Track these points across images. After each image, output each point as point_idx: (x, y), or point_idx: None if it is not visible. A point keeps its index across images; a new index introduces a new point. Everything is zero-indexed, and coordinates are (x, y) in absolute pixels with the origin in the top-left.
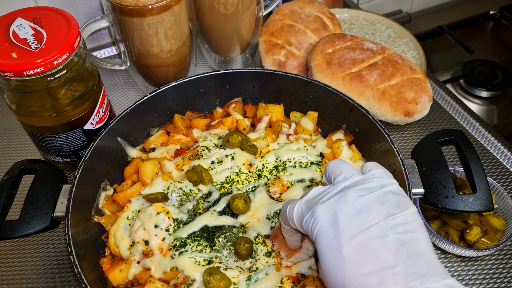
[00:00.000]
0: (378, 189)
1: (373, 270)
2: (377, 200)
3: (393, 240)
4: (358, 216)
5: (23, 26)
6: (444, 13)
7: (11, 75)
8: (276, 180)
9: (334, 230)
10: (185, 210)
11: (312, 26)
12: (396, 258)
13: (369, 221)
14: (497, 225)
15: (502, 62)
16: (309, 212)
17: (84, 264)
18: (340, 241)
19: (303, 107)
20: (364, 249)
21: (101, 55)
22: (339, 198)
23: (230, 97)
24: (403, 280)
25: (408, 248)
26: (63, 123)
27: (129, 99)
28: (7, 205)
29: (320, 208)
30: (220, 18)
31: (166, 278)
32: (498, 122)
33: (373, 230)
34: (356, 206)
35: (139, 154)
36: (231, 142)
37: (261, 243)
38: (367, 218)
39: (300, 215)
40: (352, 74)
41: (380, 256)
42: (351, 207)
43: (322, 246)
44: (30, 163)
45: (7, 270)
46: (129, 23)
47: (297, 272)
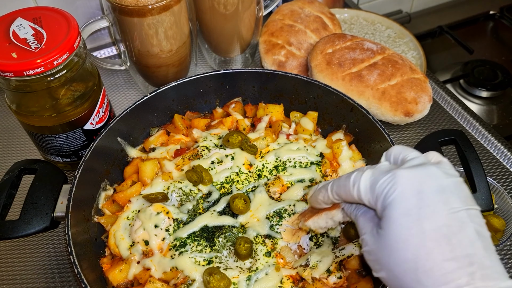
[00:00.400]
0: (457, 176)
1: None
2: (458, 186)
3: (472, 229)
4: (443, 194)
5: (23, 26)
6: (444, 13)
7: (11, 75)
8: (276, 180)
9: (417, 200)
10: (185, 210)
11: (312, 26)
12: (475, 247)
13: (453, 203)
14: (497, 225)
15: (502, 62)
16: (388, 175)
17: (84, 264)
18: (424, 213)
19: (303, 107)
20: (447, 229)
21: (101, 55)
22: (423, 170)
23: (230, 97)
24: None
25: (484, 242)
26: (63, 123)
27: (129, 99)
28: (7, 205)
29: (403, 172)
30: (220, 18)
31: (166, 278)
32: (498, 122)
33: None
34: (441, 183)
35: (139, 154)
36: (231, 142)
37: (260, 243)
38: (452, 199)
39: (372, 179)
40: (352, 74)
41: (461, 241)
42: (436, 183)
43: (399, 213)
44: (30, 163)
45: (7, 270)
46: (129, 23)
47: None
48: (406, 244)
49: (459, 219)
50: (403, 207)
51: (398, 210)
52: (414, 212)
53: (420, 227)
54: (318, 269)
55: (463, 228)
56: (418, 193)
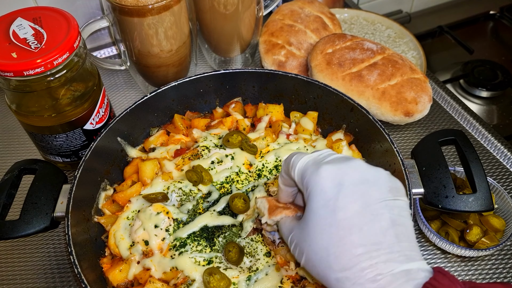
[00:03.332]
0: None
1: (362, 241)
2: (385, 178)
3: (388, 218)
4: (363, 184)
5: (23, 26)
6: (444, 13)
7: (11, 75)
8: (276, 180)
9: (335, 192)
10: (185, 210)
11: (312, 26)
12: (386, 235)
13: (371, 194)
14: (497, 225)
15: (502, 62)
16: (314, 167)
17: (84, 264)
18: (338, 204)
19: (303, 107)
20: (358, 219)
21: (101, 55)
22: (348, 162)
23: (230, 97)
24: (387, 255)
25: (398, 230)
26: (63, 123)
27: (129, 99)
28: (7, 205)
29: (327, 166)
30: (220, 18)
31: (166, 278)
32: (498, 122)
33: (373, 203)
34: (364, 175)
35: (139, 154)
36: (231, 142)
37: (261, 241)
38: (371, 189)
39: (304, 167)
40: (352, 74)
41: (372, 229)
42: (359, 175)
43: (317, 205)
44: (30, 163)
45: (7, 270)
46: (129, 23)
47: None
48: (322, 234)
49: (373, 210)
50: (322, 199)
51: (317, 202)
52: (331, 204)
53: (335, 217)
54: None
55: (376, 218)
56: (337, 185)
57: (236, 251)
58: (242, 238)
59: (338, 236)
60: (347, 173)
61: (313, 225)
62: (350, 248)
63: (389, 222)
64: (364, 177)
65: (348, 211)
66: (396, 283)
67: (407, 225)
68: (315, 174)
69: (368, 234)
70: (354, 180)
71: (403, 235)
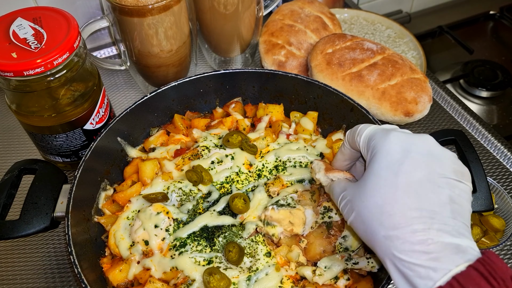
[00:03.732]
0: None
1: (418, 206)
2: (451, 158)
3: (448, 195)
4: (430, 157)
5: (23, 26)
6: (444, 13)
7: (11, 75)
8: (276, 180)
9: (401, 157)
10: (185, 210)
11: (312, 26)
12: (442, 208)
13: (436, 168)
14: (497, 225)
15: (502, 62)
16: (384, 132)
17: (84, 264)
18: (402, 168)
19: (303, 107)
20: (420, 187)
21: (101, 55)
22: (419, 136)
23: (230, 97)
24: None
25: (455, 208)
26: (63, 123)
27: (129, 99)
28: (7, 205)
29: (397, 133)
30: (220, 18)
31: (166, 278)
32: (498, 122)
33: (436, 176)
34: (432, 149)
35: (139, 154)
36: (231, 142)
37: (261, 241)
38: (437, 164)
39: (373, 131)
40: (352, 74)
41: (430, 199)
42: (427, 148)
43: (380, 165)
44: (30, 163)
45: (7, 270)
46: (129, 23)
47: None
48: (379, 191)
49: (436, 183)
50: (387, 161)
51: (381, 163)
52: (395, 167)
53: (396, 179)
54: (324, 276)
55: (436, 191)
56: (404, 151)
57: (236, 251)
58: (243, 239)
59: (396, 196)
60: (416, 143)
61: (372, 183)
62: (405, 210)
63: (448, 198)
64: (432, 151)
65: (410, 177)
66: (445, 252)
67: (464, 206)
68: (384, 137)
69: (425, 202)
70: (421, 151)
71: (458, 214)
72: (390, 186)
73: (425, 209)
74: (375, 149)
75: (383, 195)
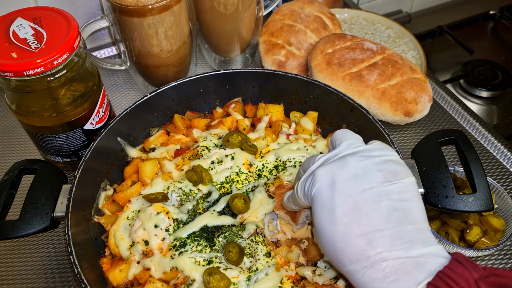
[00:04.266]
0: (378, 157)
1: (362, 232)
2: (376, 167)
3: (386, 206)
4: (354, 179)
5: (23, 26)
6: (444, 13)
7: (11, 75)
8: (276, 180)
9: (330, 192)
10: (185, 210)
11: (312, 26)
12: (386, 222)
13: (364, 185)
14: (497, 225)
15: (502, 62)
16: (309, 176)
17: (84, 264)
18: (335, 203)
19: (303, 107)
20: (356, 212)
21: (101, 55)
22: (339, 163)
23: (230, 97)
24: (390, 243)
25: (399, 215)
26: (63, 123)
27: (129, 99)
28: (7, 205)
29: (319, 171)
30: (220, 18)
31: (166, 278)
32: (498, 122)
33: (367, 194)
34: (354, 170)
35: (139, 154)
36: (231, 142)
37: (261, 242)
38: (363, 182)
39: (302, 184)
40: (352, 74)
41: (371, 219)
42: (349, 171)
43: (317, 207)
44: (30, 163)
45: (7, 270)
46: (129, 23)
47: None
48: (325, 233)
49: (371, 199)
50: (319, 200)
51: (317, 204)
52: (328, 203)
53: (333, 215)
54: (324, 276)
55: (374, 208)
56: (331, 185)
57: (236, 251)
58: (243, 239)
59: (340, 232)
60: (337, 172)
61: (318, 226)
62: (353, 242)
63: (389, 209)
64: (354, 172)
65: (344, 207)
66: (403, 270)
67: (410, 207)
68: (311, 181)
69: (367, 225)
70: (345, 177)
71: (406, 220)
72: (331, 224)
73: (369, 232)
74: (310, 194)
75: (330, 234)
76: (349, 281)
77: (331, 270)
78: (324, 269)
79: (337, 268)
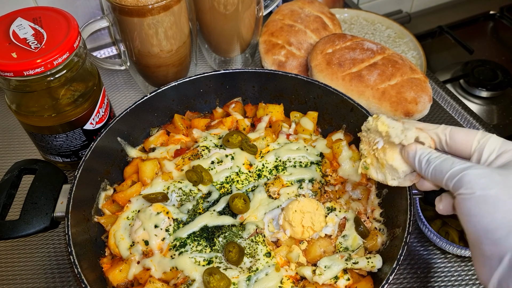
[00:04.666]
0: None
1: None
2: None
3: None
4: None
5: (23, 26)
6: (444, 13)
7: (11, 75)
8: (275, 180)
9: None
10: (185, 210)
11: (312, 26)
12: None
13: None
14: None
15: (502, 62)
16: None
17: (84, 264)
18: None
19: (303, 107)
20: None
21: (101, 55)
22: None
23: (230, 97)
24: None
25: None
26: (63, 123)
27: (129, 99)
28: (7, 205)
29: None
30: (220, 18)
31: (166, 278)
32: (498, 122)
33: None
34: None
35: (139, 154)
36: (231, 142)
37: (261, 242)
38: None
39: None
40: (352, 74)
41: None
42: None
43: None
44: (30, 163)
45: (7, 270)
46: (129, 23)
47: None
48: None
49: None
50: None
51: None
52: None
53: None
54: (323, 275)
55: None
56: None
57: (236, 251)
58: (243, 239)
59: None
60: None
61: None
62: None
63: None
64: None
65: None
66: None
67: None
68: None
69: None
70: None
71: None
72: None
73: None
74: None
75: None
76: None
77: (331, 270)
78: (324, 268)
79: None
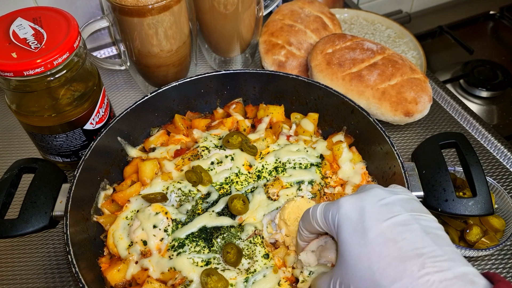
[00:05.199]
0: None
1: (401, 250)
2: (402, 201)
3: (418, 228)
4: (384, 207)
5: (23, 26)
6: (444, 13)
7: (11, 75)
8: (275, 181)
9: (360, 216)
10: (184, 210)
11: (312, 26)
12: (423, 241)
13: (394, 211)
14: (497, 225)
15: (502, 62)
16: (334, 205)
17: (82, 263)
18: (366, 226)
19: (304, 108)
20: (391, 232)
21: (101, 55)
22: (367, 191)
23: (230, 97)
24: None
25: (432, 237)
26: (63, 123)
27: (129, 99)
28: (6, 204)
29: (345, 199)
30: (220, 18)
31: (164, 279)
32: (498, 122)
33: (398, 218)
34: (384, 200)
35: (139, 154)
36: (231, 142)
37: (259, 243)
38: (393, 209)
39: (325, 210)
40: (352, 74)
41: (407, 238)
42: (377, 199)
43: (348, 233)
44: (30, 162)
45: (7, 270)
46: (129, 23)
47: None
48: (360, 256)
49: (403, 222)
50: (349, 225)
51: (346, 230)
52: (360, 227)
53: (366, 237)
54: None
55: (408, 228)
56: (360, 210)
57: (234, 252)
58: (242, 240)
59: (376, 252)
60: (366, 199)
61: (349, 253)
62: (392, 260)
63: (422, 231)
64: (385, 200)
65: (377, 229)
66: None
67: (440, 234)
68: (337, 208)
69: (405, 243)
70: (374, 203)
71: (440, 241)
72: (365, 246)
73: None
74: (336, 222)
75: (365, 257)
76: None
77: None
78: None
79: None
